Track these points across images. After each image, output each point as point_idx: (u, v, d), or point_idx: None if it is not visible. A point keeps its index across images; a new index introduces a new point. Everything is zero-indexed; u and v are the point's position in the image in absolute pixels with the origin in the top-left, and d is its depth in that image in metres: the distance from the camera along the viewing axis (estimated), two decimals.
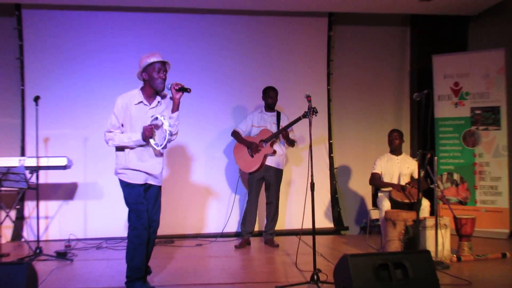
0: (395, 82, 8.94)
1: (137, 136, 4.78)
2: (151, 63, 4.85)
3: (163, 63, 4.91)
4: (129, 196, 4.91)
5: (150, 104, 4.92)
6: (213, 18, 8.29)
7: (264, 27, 8.44)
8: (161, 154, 5.04)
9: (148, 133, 4.74)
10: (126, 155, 4.90)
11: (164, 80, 4.89)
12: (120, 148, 4.92)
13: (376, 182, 7.10)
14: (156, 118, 4.79)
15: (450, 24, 8.61)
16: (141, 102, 4.90)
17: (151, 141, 4.77)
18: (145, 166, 4.92)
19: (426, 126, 6.07)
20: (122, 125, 4.88)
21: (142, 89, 4.96)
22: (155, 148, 4.83)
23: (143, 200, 4.91)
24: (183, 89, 4.84)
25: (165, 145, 4.82)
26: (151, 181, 4.98)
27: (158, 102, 4.96)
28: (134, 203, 4.88)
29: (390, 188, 6.88)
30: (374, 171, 7.11)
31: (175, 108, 4.88)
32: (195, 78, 8.12)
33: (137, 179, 4.90)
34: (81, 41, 7.99)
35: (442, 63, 8.26)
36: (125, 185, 4.93)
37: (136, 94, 4.93)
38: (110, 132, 4.90)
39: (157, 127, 4.84)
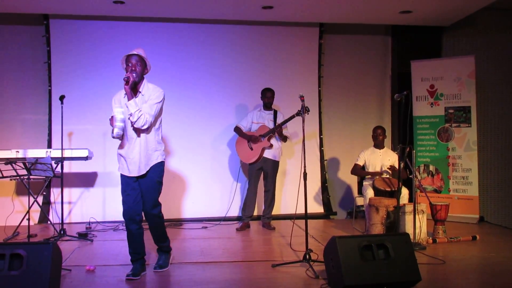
0: (378, 84, 8.88)
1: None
2: (126, 57, 4.75)
3: (136, 57, 4.70)
4: (121, 186, 4.84)
5: (135, 96, 4.71)
6: (219, 28, 8.24)
7: (263, 35, 8.38)
8: (147, 155, 4.75)
9: (111, 123, 4.73)
10: (118, 149, 4.88)
11: (134, 71, 4.66)
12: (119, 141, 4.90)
13: (357, 172, 7.15)
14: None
15: (426, 34, 8.55)
16: (127, 94, 4.70)
17: (115, 129, 4.71)
18: (127, 164, 4.77)
19: (405, 123, 6.02)
20: None
21: None
22: (114, 136, 4.76)
23: (129, 192, 4.75)
24: (126, 80, 4.59)
25: (117, 131, 4.72)
26: (135, 174, 4.78)
27: (139, 92, 4.74)
28: (122, 192, 4.82)
29: (374, 178, 6.85)
30: (357, 163, 7.14)
31: (128, 97, 4.61)
32: (203, 81, 8.16)
33: (121, 170, 4.83)
34: (101, 47, 7.96)
35: (420, 67, 8.21)
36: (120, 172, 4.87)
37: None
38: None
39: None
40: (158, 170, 4.83)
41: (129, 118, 4.64)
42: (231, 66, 8.29)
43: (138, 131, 4.72)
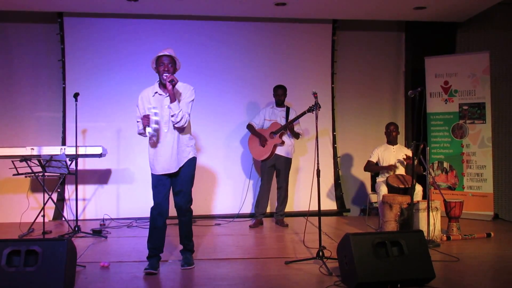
0: (391, 81, 8.84)
1: (141, 125, 4.78)
2: (156, 58, 4.80)
3: (168, 58, 4.76)
4: (152, 182, 4.90)
5: (165, 93, 4.81)
6: (232, 25, 8.25)
7: (276, 32, 8.38)
8: (181, 151, 4.85)
9: (144, 122, 4.70)
10: (149, 148, 4.90)
11: (168, 72, 4.71)
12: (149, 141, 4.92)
13: (370, 168, 7.13)
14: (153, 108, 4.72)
15: (440, 30, 8.49)
16: (157, 92, 4.83)
17: (147, 128, 4.67)
18: (159, 162, 4.83)
19: (419, 120, 5.98)
20: None
21: (158, 82, 4.89)
22: (147, 135, 4.72)
23: (160, 187, 4.83)
24: (171, 82, 4.66)
25: (154, 130, 4.68)
26: (167, 172, 4.84)
27: None
28: (153, 188, 4.87)
29: (387, 175, 6.82)
30: (370, 159, 7.12)
31: (172, 99, 4.70)
32: (215, 78, 8.15)
33: (155, 169, 4.86)
34: (114, 44, 8.00)
35: (434, 64, 8.16)
36: (151, 171, 4.93)
37: (153, 87, 4.89)
38: (138, 122, 4.90)
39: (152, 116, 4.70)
40: (191, 165, 4.95)
41: (171, 119, 4.72)
42: (244, 63, 8.29)
43: (173, 129, 4.81)
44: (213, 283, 4.49)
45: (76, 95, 6.54)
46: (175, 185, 4.91)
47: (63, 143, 7.71)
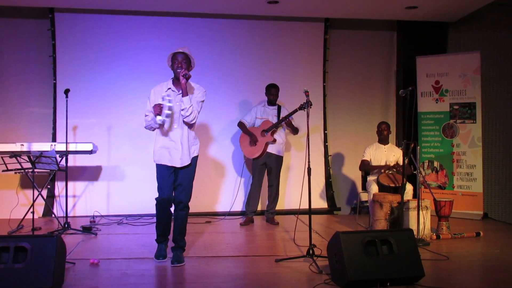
0: (383, 80, 8.85)
1: (152, 115, 4.89)
2: (172, 54, 4.97)
3: (182, 55, 4.94)
4: (156, 173, 5.05)
5: (178, 91, 4.98)
6: (223, 23, 8.21)
7: (268, 31, 8.36)
8: (188, 148, 5.02)
9: (155, 110, 4.80)
10: (156, 140, 5.06)
11: (181, 68, 4.90)
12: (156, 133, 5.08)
13: (366, 167, 7.09)
14: (163, 99, 4.87)
15: (432, 29, 8.52)
16: (170, 88, 5.01)
17: (157, 117, 4.79)
18: (167, 154, 4.98)
19: (410, 119, 6.01)
20: None
21: (172, 78, 5.06)
22: (158, 123, 4.85)
23: (165, 180, 4.98)
24: (184, 76, 4.82)
25: (164, 119, 4.85)
26: (174, 165, 4.99)
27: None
28: (159, 182, 5.02)
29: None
30: (364, 158, 7.09)
31: (184, 93, 4.87)
32: (207, 76, 8.07)
33: (161, 160, 4.99)
34: (106, 41, 7.95)
35: (425, 63, 8.18)
36: (155, 163, 5.05)
37: (167, 83, 5.06)
38: (146, 116, 5.02)
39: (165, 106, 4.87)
40: (195, 163, 5.15)
41: (181, 113, 4.90)
42: (235, 61, 8.27)
43: (182, 125, 4.98)
44: (203, 281, 4.49)
45: (66, 91, 6.51)
46: (177, 179, 5.05)
47: (53, 139, 7.67)
